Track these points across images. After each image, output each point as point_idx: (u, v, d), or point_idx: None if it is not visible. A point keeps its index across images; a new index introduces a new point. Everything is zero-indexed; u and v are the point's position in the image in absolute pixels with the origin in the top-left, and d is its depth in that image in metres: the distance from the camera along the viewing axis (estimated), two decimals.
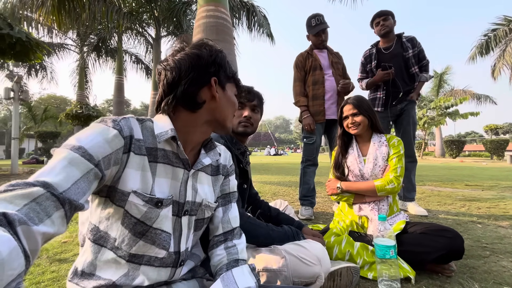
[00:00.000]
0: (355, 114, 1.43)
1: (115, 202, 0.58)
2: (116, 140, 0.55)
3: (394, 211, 1.42)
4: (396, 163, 1.37)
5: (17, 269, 0.33)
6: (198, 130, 0.68)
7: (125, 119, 0.59)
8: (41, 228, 0.39)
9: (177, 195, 0.65)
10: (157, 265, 0.63)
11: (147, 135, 0.62)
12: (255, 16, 7.40)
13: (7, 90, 6.78)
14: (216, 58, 0.68)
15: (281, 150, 33.92)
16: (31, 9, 4.06)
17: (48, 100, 31.31)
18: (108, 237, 0.60)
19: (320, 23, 2.30)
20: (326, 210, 2.57)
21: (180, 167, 0.66)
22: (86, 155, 0.49)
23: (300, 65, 2.42)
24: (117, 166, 0.56)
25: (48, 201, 0.41)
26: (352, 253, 1.21)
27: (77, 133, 0.54)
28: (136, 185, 0.58)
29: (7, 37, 1.96)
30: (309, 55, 2.41)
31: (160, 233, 0.62)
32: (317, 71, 2.34)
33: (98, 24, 7.97)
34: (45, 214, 0.41)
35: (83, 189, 0.47)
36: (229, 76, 0.72)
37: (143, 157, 0.60)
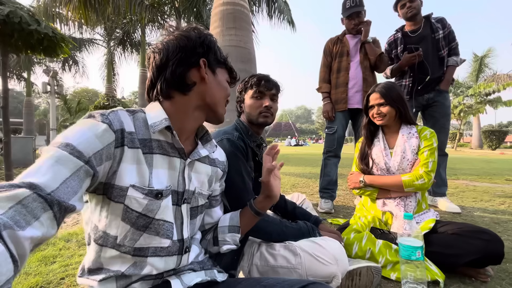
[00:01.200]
0: (382, 104, 1.31)
1: (113, 199, 0.56)
2: (107, 135, 0.53)
3: (422, 208, 1.31)
4: (428, 157, 1.24)
5: (5, 275, 0.32)
6: (191, 116, 0.67)
7: (113, 112, 0.58)
8: (28, 232, 0.38)
9: (176, 184, 0.65)
10: (163, 254, 0.63)
11: (139, 127, 0.60)
12: (275, 2, 7.14)
13: (44, 84, 7.35)
14: (205, 40, 0.66)
15: (302, 140, 33.40)
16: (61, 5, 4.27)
17: (81, 93, 33.49)
18: (107, 236, 0.59)
19: (356, 5, 2.12)
20: (347, 203, 2.47)
21: (176, 156, 0.65)
22: (75, 152, 0.47)
23: (327, 51, 2.32)
24: (110, 162, 0.54)
25: (35, 202, 0.40)
26: (374, 251, 1.14)
27: (65, 130, 0.52)
28: (134, 179, 0.57)
29: (35, 33, 2.06)
30: (339, 40, 2.28)
31: (163, 224, 0.62)
32: (344, 58, 2.22)
33: (122, 18, 8.21)
34: (33, 216, 0.39)
35: (73, 188, 0.46)
36: (220, 60, 0.70)
37: (137, 150, 0.58)
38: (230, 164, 0.92)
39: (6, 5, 1.89)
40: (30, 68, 13.29)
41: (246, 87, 1.12)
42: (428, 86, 2.16)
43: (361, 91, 2.16)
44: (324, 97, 2.29)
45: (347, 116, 2.24)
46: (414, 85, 2.19)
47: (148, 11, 7.15)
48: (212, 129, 1.28)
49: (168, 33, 0.67)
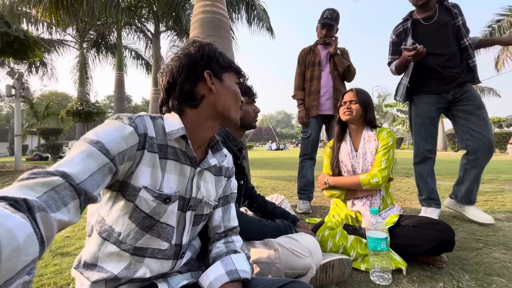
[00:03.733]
0: (353, 101, 1.44)
1: (125, 196, 0.60)
2: (132, 137, 0.57)
3: (388, 204, 1.44)
4: (381, 156, 1.37)
5: (32, 255, 0.34)
6: (205, 126, 0.70)
7: (140, 117, 0.62)
8: (57, 216, 0.41)
9: (184, 191, 0.68)
10: (160, 257, 0.66)
11: (158, 132, 0.64)
12: (254, 10, 7.31)
13: (9, 87, 6.81)
14: (204, 52, 0.69)
15: (282, 145, 33.91)
16: (29, 6, 4.06)
17: (49, 97, 31.39)
18: (112, 231, 0.62)
19: (332, 19, 2.26)
20: (324, 204, 2.60)
21: (188, 164, 0.68)
22: (103, 149, 0.52)
23: (301, 60, 2.46)
24: (130, 162, 0.58)
25: (66, 190, 0.43)
26: (346, 246, 1.23)
27: (95, 128, 0.56)
28: (147, 181, 0.61)
29: (4, 35, 1.97)
30: (311, 51, 2.42)
31: (165, 227, 0.65)
32: (316, 67, 2.36)
33: (97, 19, 7.92)
34: (62, 203, 0.42)
35: (97, 181, 0.49)
36: (224, 65, 0.72)
37: (154, 154, 0.62)
38: None
39: None
40: None
41: None
42: (456, 81, 1.83)
43: (331, 98, 2.32)
44: (299, 104, 2.42)
45: (320, 121, 2.39)
46: (441, 81, 1.85)
47: (125, 14, 6.97)
48: None
49: (173, 54, 0.71)
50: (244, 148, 1.26)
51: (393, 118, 26.07)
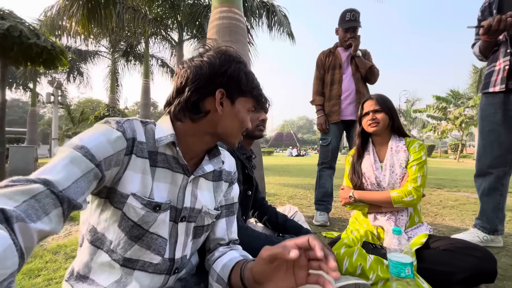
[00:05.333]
0: (377, 110, 1.30)
1: (113, 204, 0.57)
2: (119, 142, 0.55)
3: (415, 221, 1.28)
4: (416, 172, 1.22)
5: (11, 268, 0.32)
6: (200, 140, 0.66)
7: (128, 121, 0.59)
8: (38, 226, 0.39)
9: (175, 200, 0.64)
10: (150, 271, 0.62)
11: (149, 138, 0.61)
12: (275, 16, 7.32)
13: (48, 95, 7.48)
14: (228, 69, 0.62)
15: (303, 151, 33.34)
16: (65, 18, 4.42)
17: (85, 104, 33.97)
18: (105, 239, 0.59)
19: (355, 20, 2.14)
20: (343, 216, 2.43)
21: (180, 172, 0.65)
22: (88, 154, 0.49)
23: (319, 64, 2.33)
24: (117, 168, 0.56)
25: (47, 198, 0.41)
26: (365, 267, 1.10)
27: (81, 133, 0.54)
28: (136, 188, 0.58)
29: (34, 46, 2.14)
30: (331, 53, 2.29)
31: (156, 238, 0.61)
32: (336, 70, 2.22)
33: (126, 31, 8.44)
34: (43, 212, 0.40)
35: (82, 188, 0.47)
36: (244, 90, 0.65)
37: (145, 160, 0.59)
38: None
39: (7, 19, 1.97)
40: (35, 79, 13.55)
41: None
42: None
43: (354, 102, 2.17)
44: (318, 110, 2.29)
45: (341, 127, 2.25)
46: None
47: (151, 24, 7.34)
48: None
49: (199, 54, 0.65)
50: (254, 157, 1.20)
51: (422, 124, 24.52)
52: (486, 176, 1.64)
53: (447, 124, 17.43)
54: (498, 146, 1.57)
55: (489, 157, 1.61)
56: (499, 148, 1.56)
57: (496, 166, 1.58)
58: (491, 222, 1.62)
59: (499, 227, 1.61)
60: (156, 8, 7.74)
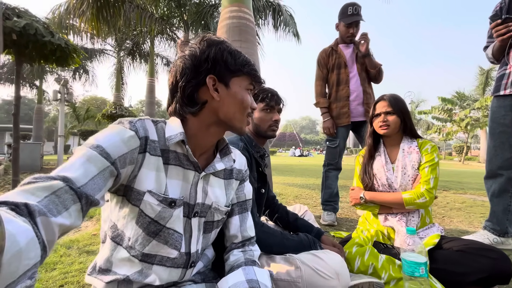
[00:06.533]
0: (389, 112, 1.29)
1: (131, 201, 0.59)
2: (132, 141, 0.57)
3: (426, 222, 1.28)
4: (429, 173, 1.22)
5: (33, 259, 0.34)
6: (207, 132, 0.67)
7: (140, 120, 0.61)
8: (58, 220, 0.41)
9: (188, 196, 0.65)
10: (168, 265, 0.64)
11: (160, 137, 0.63)
12: (281, 16, 7.31)
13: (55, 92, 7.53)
14: (210, 53, 0.62)
15: (306, 151, 33.24)
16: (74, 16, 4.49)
17: (90, 101, 34.23)
18: (124, 236, 0.62)
19: (357, 14, 2.05)
20: (350, 216, 2.43)
21: (191, 169, 0.66)
22: (104, 153, 0.51)
23: (322, 63, 2.21)
24: (132, 166, 0.57)
25: (66, 194, 0.43)
26: (376, 267, 1.11)
27: (97, 133, 0.56)
28: (151, 185, 0.59)
29: (48, 44, 2.18)
30: (333, 51, 2.18)
31: (172, 233, 0.63)
32: (341, 70, 2.13)
33: (133, 30, 8.50)
34: (63, 207, 0.42)
35: (99, 185, 0.49)
36: (234, 69, 0.65)
37: (158, 158, 0.61)
38: None
39: (23, 17, 2.01)
40: (42, 77, 13.70)
41: (256, 100, 1.14)
42: None
43: (362, 103, 2.13)
44: (324, 113, 2.20)
45: (349, 128, 2.22)
46: None
47: (158, 23, 7.38)
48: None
49: (181, 50, 0.67)
50: (267, 155, 1.21)
51: (427, 126, 24.32)
52: (496, 177, 1.63)
53: (452, 126, 17.28)
54: (509, 147, 1.57)
55: (499, 159, 1.60)
56: (509, 150, 1.57)
57: (506, 167, 1.59)
58: (501, 224, 1.61)
59: (510, 229, 1.61)
60: (162, 7, 7.78)
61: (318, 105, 2.23)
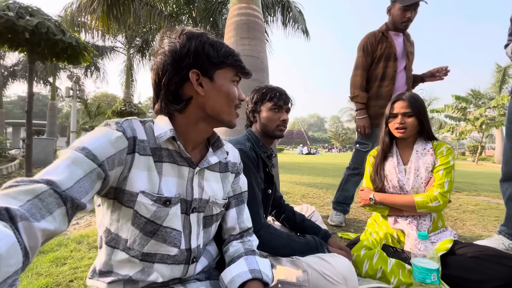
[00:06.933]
0: (407, 113, 1.23)
1: (124, 203, 0.58)
2: (120, 141, 0.56)
3: (438, 226, 1.24)
4: (443, 177, 1.17)
5: (14, 266, 0.33)
6: (196, 129, 0.66)
7: (127, 120, 0.60)
8: (41, 224, 0.39)
9: (184, 193, 0.65)
10: (170, 262, 0.64)
11: (150, 136, 0.62)
12: (290, 12, 7.22)
13: (67, 89, 7.75)
14: (190, 47, 0.60)
15: (314, 149, 32.98)
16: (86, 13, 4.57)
17: (101, 98, 34.94)
18: (119, 239, 0.61)
19: None
20: (358, 217, 2.39)
21: (185, 165, 0.66)
22: (90, 155, 0.50)
23: (369, 49, 1.81)
24: (121, 167, 0.56)
25: (50, 197, 0.42)
26: (385, 271, 1.08)
27: (82, 136, 0.55)
28: (144, 186, 0.58)
29: (60, 42, 2.23)
30: (384, 38, 1.80)
31: (170, 231, 0.62)
32: (390, 62, 1.78)
33: (142, 27, 8.57)
34: (47, 211, 0.41)
35: (85, 188, 0.48)
36: (217, 61, 0.63)
37: (149, 157, 0.60)
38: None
39: (36, 16, 2.05)
40: (55, 74, 14.06)
41: (264, 99, 1.12)
42: None
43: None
44: (360, 109, 1.88)
45: None
46: None
47: (167, 20, 7.42)
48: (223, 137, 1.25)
49: (161, 46, 0.64)
50: (274, 156, 1.19)
51: (439, 124, 23.69)
52: None
53: (466, 125, 16.75)
54: None
55: None
56: None
57: None
58: None
59: None
60: (171, 4, 7.81)
61: (356, 99, 1.89)
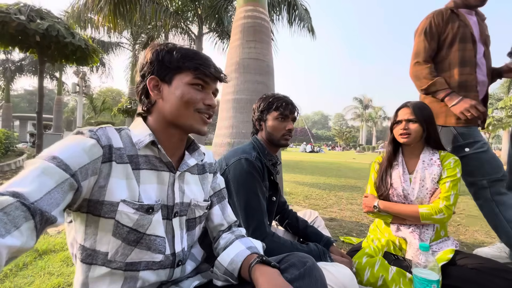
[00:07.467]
0: (411, 120, 1.24)
1: (103, 215, 0.56)
2: (95, 150, 0.54)
3: (441, 235, 1.25)
4: (450, 189, 1.17)
5: None
6: (167, 134, 0.67)
7: (102, 128, 0.59)
8: (7, 241, 0.37)
9: (165, 198, 0.65)
10: (155, 268, 0.63)
11: (126, 143, 0.61)
12: (296, 10, 7.15)
13: (74, 85, 7.83)
14: (149, 57, 0.65)
15: (318, 147, 32.86)
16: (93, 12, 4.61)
17: (106, 93, 35.21)
18: (97, 254, 0.58)
19: None
20: (361, 220, 2.41)
21: (165, 170, 0.66)
22: (62, 165, 0.48)
23: (433, 31, 1.42)
24: (95, 177, 0.54)
25: (17, 211, 0.39)
26: (386, 279, 1.10)
27: (52, 145, 0.52)
28: (124, 194, 0.57)
29: (70, 45, 2.27)
30: (454, 16, 1.41)
31: (154, 239, 0.61)
32: (468, 45, 1.38)
33: (148, 24, 8.59)
34: (13, 225, 0.38)
35: (56, 200, 0.45)
36: (173, 66, 0.63)
37: (126, 165, 0.59)
38: (246, 184, 0.96)
39: (46, 19, 2.09)
40: (62, 69, 14.19)
41: (270, 108, 1.14)
42: None
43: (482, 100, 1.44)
44: (447, 94, 1.37)
45: None
46: None
47: (172, 17, 7.42)
48: (229, 140, 1.26)
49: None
50: (279, 163, 1.21)
51: None
52: None
53: None
54: None
55: None
56: None
57: None
58: None
59: None
60: (177, 1, 7.80)
61: (433, 87, 1.40)
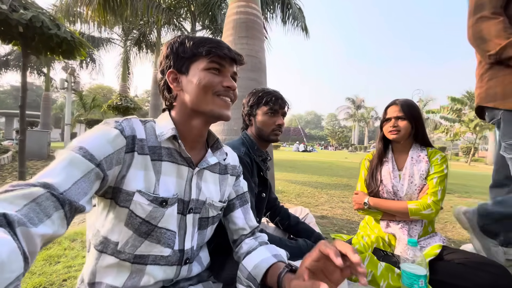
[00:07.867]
0: (400, 117, 1.26)
1: (119, 203, 0.58)
2: (118, 140, 0.56)
3: (428, 231, 1.27)
4: (437, 185, 1.19)
5: (16, 272, 0.33)
6: (190, 126, 0.67)
7: (127, 120, 0.61)
8: (40, 230, 0.39)
9: (182, 193, 0.65)
10: (162, 263, 0.64)
11: (150, 135, 0.63)
12: (289, 9, 7.16)
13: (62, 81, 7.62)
14: (167, 51, 0.66)
15: (310, 146, 33.11)
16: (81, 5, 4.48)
17: (96, 90, 34.49)
18: (108, 242, 0.60)
19: None
20: (352, 218, 2.43)
21: (185, 165, 0.66)
22: (87, 155, 0.50)
23: None
24: (120, 166, 0.56)
25: (48, 201, 0.42)
26: (375, 274, 1.11)
27: (80, 136, 0.55)
28: (140, 185, 0.58)
29: (55, 36, 2.18)
30: None
31: (165, 232, 0.62)
32: None
33: (139, 19, 8.44)
34: (45, 215, 0.41)
35: (84, 189, 0.48)
36: (188, 56, 0.64)
37: (146, 157, 0.60)
38: None
39: (30, 10, 2.00)
40: (50, 64, 13.78)
41: (260, 103, 1.13)
42: None
43: None
44: None
45: None
46: None
47: (165, 13, 7.31)
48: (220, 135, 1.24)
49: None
50: (269, 159, 1.20)
51: (434, 125, 23.96)
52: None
53: (461, 126, 16.97)
54: None
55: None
56: None
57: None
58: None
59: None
60: None
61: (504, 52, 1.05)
